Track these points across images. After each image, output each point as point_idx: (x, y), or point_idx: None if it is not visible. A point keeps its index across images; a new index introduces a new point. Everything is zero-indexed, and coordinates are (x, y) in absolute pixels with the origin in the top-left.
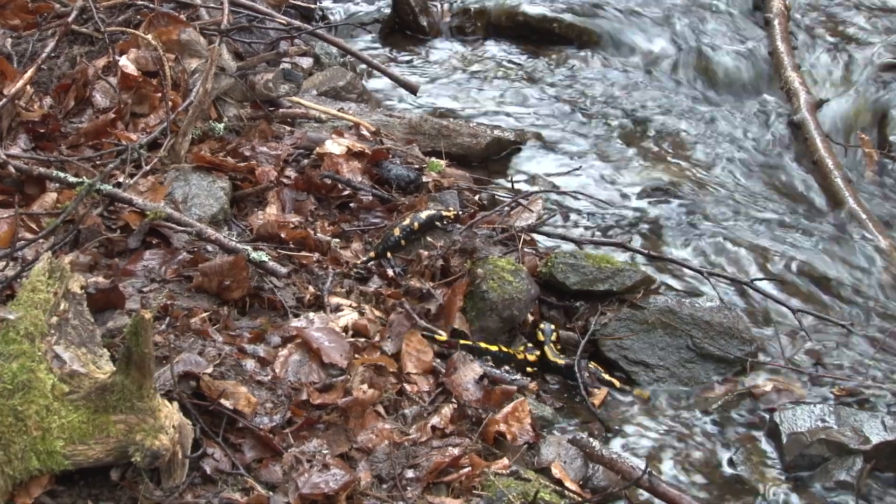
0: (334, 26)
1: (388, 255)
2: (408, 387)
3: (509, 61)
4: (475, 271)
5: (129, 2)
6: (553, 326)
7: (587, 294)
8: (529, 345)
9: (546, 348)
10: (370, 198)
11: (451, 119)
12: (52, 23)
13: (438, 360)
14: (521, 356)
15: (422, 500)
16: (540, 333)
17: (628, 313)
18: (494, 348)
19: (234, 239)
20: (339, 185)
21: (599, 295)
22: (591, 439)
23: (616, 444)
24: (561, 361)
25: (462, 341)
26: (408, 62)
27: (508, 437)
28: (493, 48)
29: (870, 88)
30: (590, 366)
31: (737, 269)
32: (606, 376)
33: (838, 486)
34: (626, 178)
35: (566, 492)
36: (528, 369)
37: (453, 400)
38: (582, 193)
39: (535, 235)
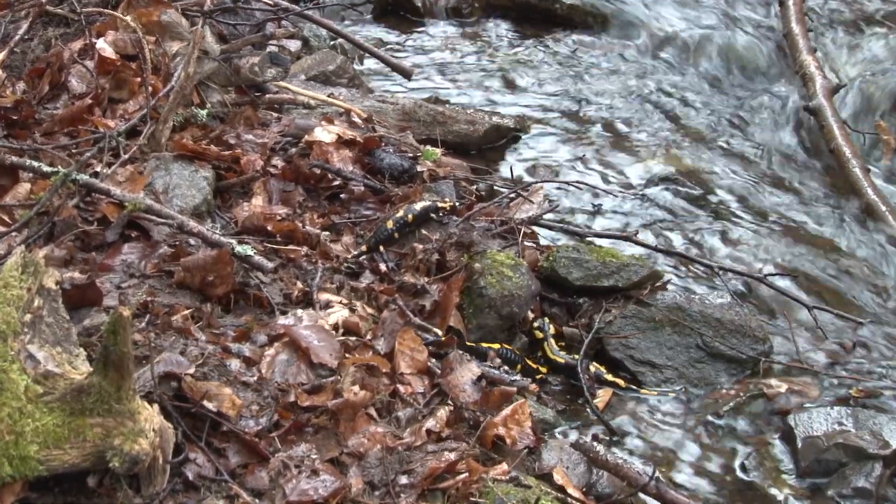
0: (324, 7)
1: (381, 248)
2: (401, 388)
3: (509, 44)
4: (472, 266)
5: None
6: (547, 320)
7: (591, 290)
8: (542, 366)
9: (546, 345)
10: (362, 188)
11: (448, 105)
12: (25, 3)
13: (434, 360)
14: (533, 364)
15: None
16: (538, 332)
17: (634, 310)
18: (497, 346)
19: (217, 232)
20: (329, 175)
21: (604, 291)
22: (595, 443)
23: (621, 448)
24: (561, 360)
25: (468, 343)
26: (401, 45)
27: (508, 440)
28: (491, 30)
29: (889, 73)
30: (590, 367)
31: (749, 263)
32: (609, 377)
33: (856, 494)
34: (633, 167)
35: (569, 499)
36: (537, 376)
37: (449, 402)
38: (585, 184)
39: (535, 228)
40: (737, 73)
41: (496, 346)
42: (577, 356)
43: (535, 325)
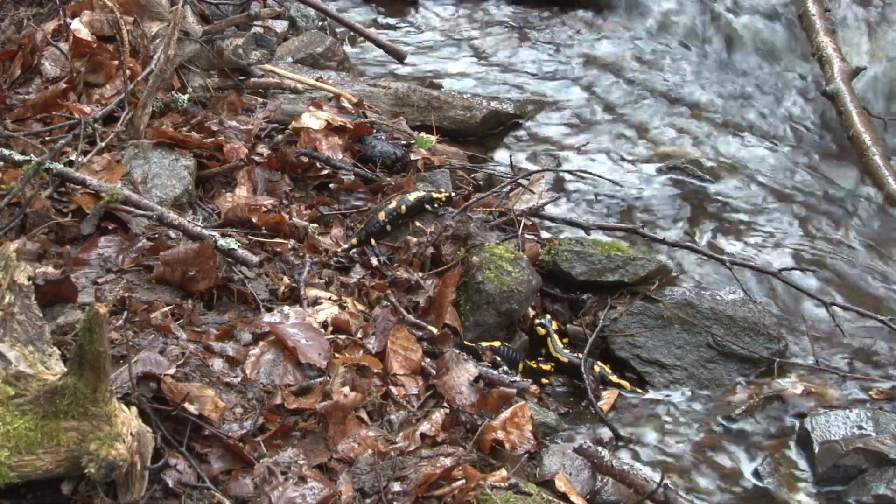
0: None
1: (372, 241)
2: (394, 389)
3: (509, 25)
4: (470, 260)
5: None
6: (549, 317)
7: (595, 285)
8: (541, 358)
9: (549, 342)
10: (352, 178)
11: (443, 89)
12: None
13: (428, 360)
14: (534, 365)
15: None
16: (540, 328)
17: (641, 307)
18: (497, 344)
19: (199, 224)
20: (318, 164)
21: (609, 286)
22: (599, 448)
23: (627, 453)
24: (565, 359)
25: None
26: (395, 26)
27: (507, 445)
28: (490, 10)
29: None
30: (594, 367)
31: (763, 257)
32: (614, 378)
33: (877, 501)
34: (640, 155)
35: None
36: (544, 380)
37: (445, 404)
38: (590, 173)
39: (536, 220)
40: (750, 57)
41: (496, 343)
42: (580, 355)
43: (537, 321)
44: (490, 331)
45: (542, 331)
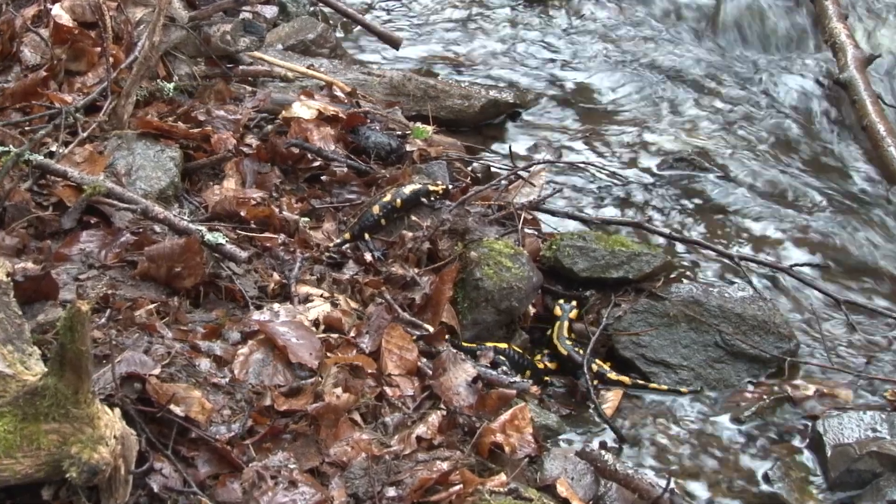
0: None
1: (366, 236)
2: (389, 390)
3: (509, 9)
4: (468, 255)
5: None
6: (574, 303)
7: (598, 282)
8: (546, 351)
9: (556, 327)
10: (345, 169)
11: (440, 78)
12: None
13: (425, 360)
14: (542, 365)
15: None
16: (558, 308)
17: (646, 305)
18: (504, 346)
19: (185, 218)
20: (309, 155)
21: (613, 283)
22: (602, 452)
23: (632, 457)
24: (564, 351)
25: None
26: (390, 11)
27: (506, 448)
28: None
29: None
30: (592, 365)
31: (773, 253)
32: (613, 375)
33: None
34: (645, 146)
35: None
36: (546, 378)
37: (442, 406)
38: (592, 164)
39: (537, 213)
40: (759, 43)
41: (503, 346)
42: (581, 351)
43: (560, 301)
44: (489, 329)
45: (558, 312)
